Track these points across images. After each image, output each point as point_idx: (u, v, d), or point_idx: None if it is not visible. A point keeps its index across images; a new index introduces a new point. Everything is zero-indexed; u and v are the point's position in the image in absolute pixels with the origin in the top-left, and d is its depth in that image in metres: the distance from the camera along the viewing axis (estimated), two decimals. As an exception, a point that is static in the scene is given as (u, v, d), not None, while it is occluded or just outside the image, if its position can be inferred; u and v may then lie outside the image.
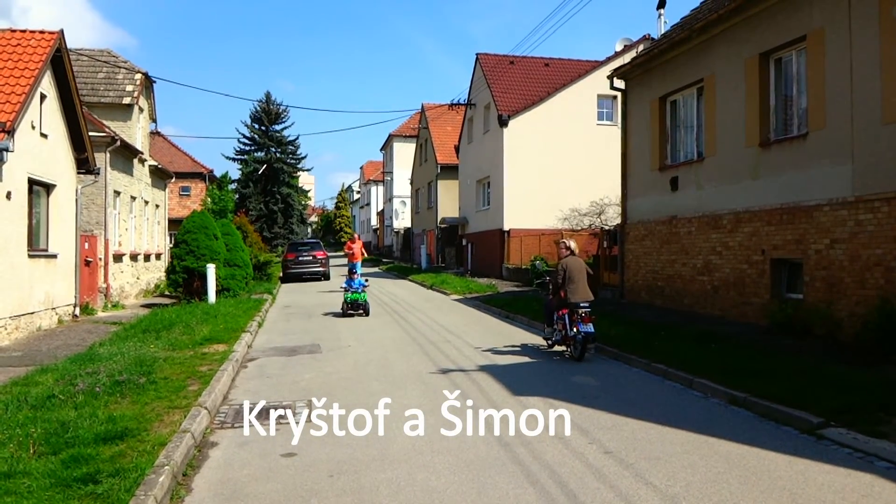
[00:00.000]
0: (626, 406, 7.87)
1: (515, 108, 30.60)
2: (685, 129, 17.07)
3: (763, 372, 8.68)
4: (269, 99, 62.99)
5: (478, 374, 9.91)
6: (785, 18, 12.94)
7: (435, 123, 44.87)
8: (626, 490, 5.26)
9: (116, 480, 5.12)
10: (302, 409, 7.91)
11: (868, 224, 10.99)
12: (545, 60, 34.45)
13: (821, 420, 6.74)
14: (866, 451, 6.01)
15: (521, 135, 30.29)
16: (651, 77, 18.03)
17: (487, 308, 19.14)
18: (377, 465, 5.91)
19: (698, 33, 15.42)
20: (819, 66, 12.10)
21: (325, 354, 11.84)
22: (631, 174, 19.09)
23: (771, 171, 13.32)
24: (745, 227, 14.03)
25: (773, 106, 13.66)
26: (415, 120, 54.81)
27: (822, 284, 11.93)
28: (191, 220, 21.01)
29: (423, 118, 47.52)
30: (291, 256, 33.18)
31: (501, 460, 6.00)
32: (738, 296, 14.29)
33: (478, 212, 35.20)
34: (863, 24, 11.11)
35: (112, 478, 5.17)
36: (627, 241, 19.12)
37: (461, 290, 24.52)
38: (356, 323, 16.33)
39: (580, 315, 10.82)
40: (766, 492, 5.18)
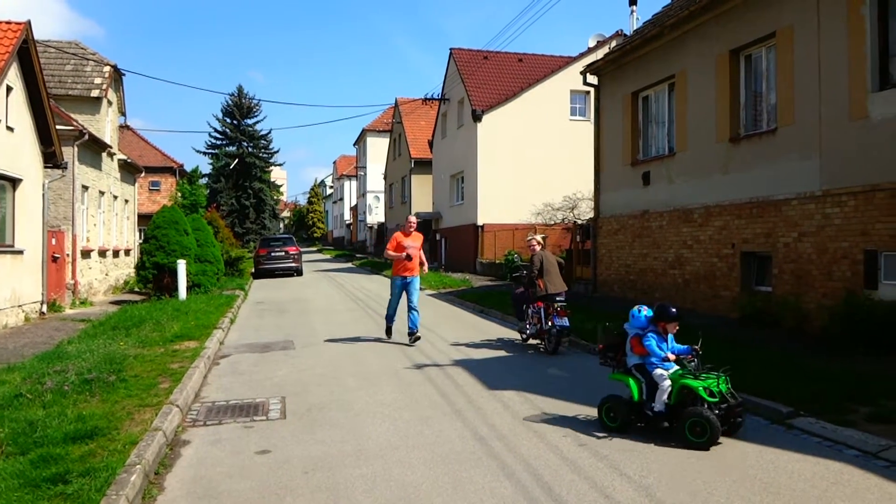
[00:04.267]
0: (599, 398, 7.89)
1: (489, 104, 30.63)
2: (657, 124, 17.21)
3: (734, 363, 8.71)
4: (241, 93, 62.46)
5: (452, 368, 9.92)
6: (755, 16, 13.08)
7: (409, 118, 44.78)
8: (601, 481, 5.30)
9: (87, 480, 5.04)
10: (276, 406, 7.86)
11: (835, 217, 11.17)
12: (519, 56, 34.52)
13: (790, 410, 6.85)
14: (835, 439, 6.12)
15: (494, 130, 30.34)
16: (623, 73, 18.15)
17: (462, 303, 19.16)
18: (352, 461, 5.89)
19: (670, 30, 15.55)
20: (788, 62, 12.26)
21: (298, 350, 11.77)
22: (603, 169, 19.21)
23: (741, 166, 13.48)
24: (715, 220, 14.19)
25: (743, 102, 13.83)
26: (388, 115, 54.68)
27: (791, 277, 12.10)
28: (161, 216, 20.78)
29: (396, 113, 47.39)
30: (263, 252, 32.93)
31: (477, 454, 6.01)
32: (708, 289, 14.46)
33: (452, 207, 35.21)
34: (831, 22, 11.28)
35: (82, 477, 5.09)
36: (600, 235, 19.25)
37: (435, 285, 24.51)
38: (331, 318, 16.26)
39: (555, 308, 10.88)
40: (739, 481, 5.25)
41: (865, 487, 5.07)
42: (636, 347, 6.68)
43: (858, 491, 5.01)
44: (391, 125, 50.44)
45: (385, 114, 57.46)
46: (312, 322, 15.63)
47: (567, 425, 6.84)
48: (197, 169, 48.34)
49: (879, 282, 10.50)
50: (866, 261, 10.62)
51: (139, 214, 31.81)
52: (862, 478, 5.27)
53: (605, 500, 4.96)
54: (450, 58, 35.14)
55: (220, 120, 62.03)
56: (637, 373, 6.63)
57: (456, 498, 5.06)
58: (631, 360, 6.75)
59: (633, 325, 6.80)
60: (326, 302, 20.39)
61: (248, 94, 63.39)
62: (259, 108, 63.07)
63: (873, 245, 10.49)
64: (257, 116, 63.78)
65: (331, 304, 19.86)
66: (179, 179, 44.05)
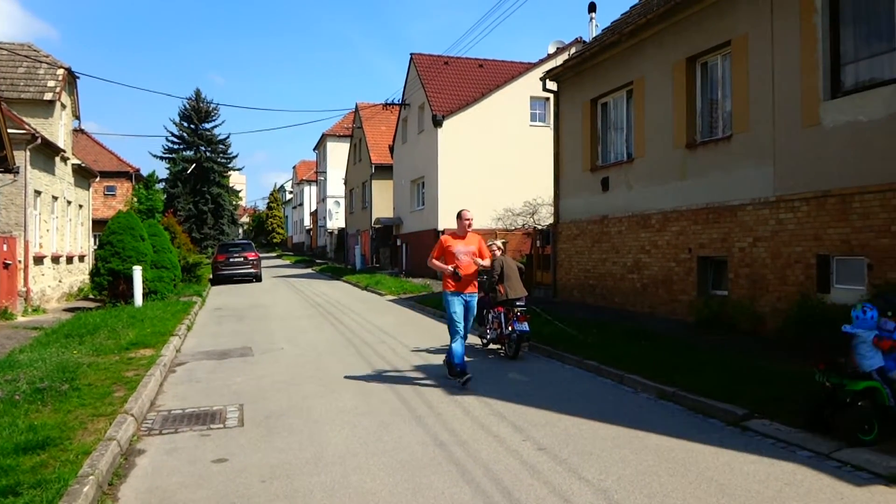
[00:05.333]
0: (559, 402, 7.97)
1: (450, 109, 30.68)
2: (616, 130, 17.41)
3: (691, 367, 8.91)
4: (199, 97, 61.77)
5: (413, 374, 9.90)
6: (711, 24, 13.32)
7: (369, 123, 44.63)
8: (560, 485, 5.32)
9: (38, 492, 4.91)
10: (233, 414, 7.75)
11: (788, 223, 11.40)
12: (479, 61, 34.65)
13: (745, 412, 6.96)
14: (789, 441, 6.23)
15: (455, 135, 30.39)
16: (582, 79, 18.33)
17: (422, 308, 19.13)
18: (311, 469, 5.83)
19: (628, 37, 15.75)
20: (742, 70, 12.50)
21: (257, 357, 11.63)
22: (563, 175, 19.36)
23: (697, 172, 13.69)
24: (672, 226, 14.39)
25: (699, 109, 14.06)
26: (349, 119, 54.40)
27: (746, 281, 12.32)
28: (116, 221, 20.38)
29: (357, 118, 47.19)
30: (222, 258, 32.53)
31: (437, 460, 5.99)
32: (666, 293, 14.65)
33: (412, 212, 35.17)
34: (784, 31, 11.53)
35: (33, 489, 4.95)
36: (560, 240, 19.39)
37: (396, 290, 24.46)
38: (290, 325, 16.11)
39: (516, 313, 10.92)
40: (695, 483, 5.32)
41: (818, 488, 5.17)
42: (885, 346, 6.16)
43: (811, 491, 5.10)
44: (351, 130, 50.21)
45: (345, 119, 57.17)
46: (271, 328, 15.47)
47: (528, 429, 6.86)
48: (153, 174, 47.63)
49: (831, 285, 10.75)
50: (819, 265, 10.86)
51: (94, 220, 31.18)
52: (814, 478, 5.37)
53: (564, 503, 4.98)
54: (410, 63, 35.13)
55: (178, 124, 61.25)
56: (878, 375, 6.13)
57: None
58: (873, 363, 6.16)
59: (863, 326, 6.27)
60: (286, 308, 20.20)
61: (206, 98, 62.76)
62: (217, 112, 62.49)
63: (825, 250, 10.74)
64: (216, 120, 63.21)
65: (290, 310, 19.68)
66: (135, 184, 43.32)
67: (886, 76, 9.95)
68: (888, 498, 4.95)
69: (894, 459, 5.45)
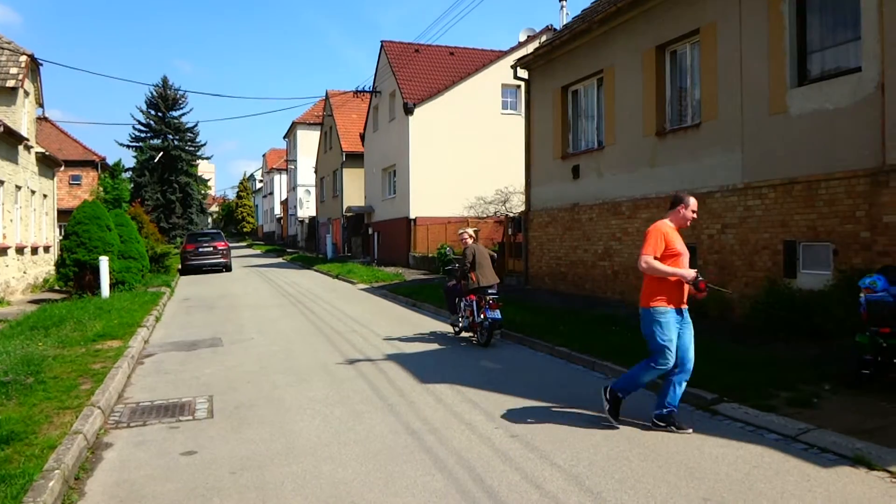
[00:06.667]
0: (531, 389, 8.01)
1: (421, 97, 30.58)
2: (586, 118, 17.46)
3: (661, 353, 8.96)
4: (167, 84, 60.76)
5: (385, 363, 9.87)
6: (680, 12, 13.37)
7: (340, 111, 44.35)
8: (532, 471, 5.34)
9: (2, 487, 4.81)
10: (203, 405, 7.67)
11: (756, 209, 11.53)
12: (450, 49, 34.57)
13: (715, 396, 7.05)
14: (757, 424, 6.32)
15: (426, 123, 30.31)
16: (553, 67, 18.34)
17: (394, 297, 19.10)
18: (282, 460, 5.79)
19: (598, 25, 15.77)
20: (711, 58, 12.57)
21: (226, 348, 11.53)
22: (534, 162, 19.39)
23: (667, 160, 13.78)
24: (643, 213, 14.48)
25: (668, 97, 14.13)
26: (319, 107, 54.06)
27: (715, 267, 12.45)
28: (82, 211, 20.02)
29: (327, 105, 46.87)
30: (191, 248, 32.18)
31: (409, 448, 5.98)
32: (637, 280, 14.73)
33: (384, 200, 35.06)
34: (752, 19, 11.61)
35: (-3, 484, 4.87)
36: (531, 228, 19.44)
37: (368, 279, 24.38)
38: (260, 315, 15.99)
39: (488, 301, 10.94)
40: (665, 467, 5.37)
41: (785, 470, 5.25)
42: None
43: (779, 473, 5.18)
44: (322, 118, 49.86)
45: (316, 106, 56.77)
46: (241, 318, 15.34)
47: (499, 417, 6.88)
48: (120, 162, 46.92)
49: (798, 271, 10.89)
50: (786, 251, 11.00)
51: (59, 210, 30.62)
52: (782, 460, 5.45)
53: (536, 489, 5.00)
54: (381, 50, 34.94)
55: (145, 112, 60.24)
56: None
57: (387, 493, 5.02)
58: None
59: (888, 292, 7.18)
60: (256, 298, 20.04)
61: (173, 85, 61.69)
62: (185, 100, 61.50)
63: (792, 236, 10.87)
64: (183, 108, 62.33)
65: (260, 299, 19.54)
66: (101, 173, 42.64)
67: (852, 65, 10.07)
68: (853, 478, 5.04)
69: (860, 441, 5.55)
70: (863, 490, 4.83)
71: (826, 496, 4.74)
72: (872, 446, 5.43)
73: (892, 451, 5.31)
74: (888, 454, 5.27)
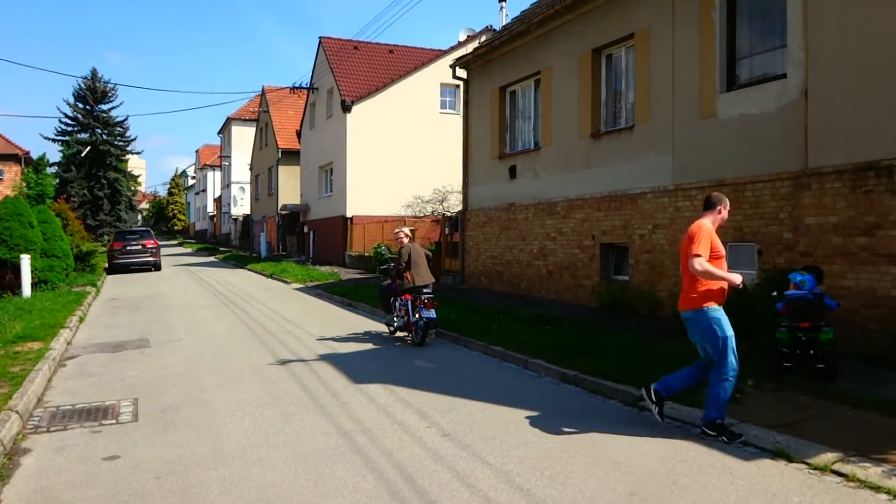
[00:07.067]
0: (464, 388, 8.00)
1: (359, 94, 30.36)
2: (524, 119, 17.60)
3: (593, 350, 9.10)
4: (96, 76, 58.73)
5: (318, 363, 9.74)
6: (615, 16, 13.59)
7: (276, 107, 43.71)
8: (464, 470, 5.32)
9: None
10: (127, 409, 7.42)
11: (685, 210, 11.79)
12: (389, 47, 34.43)
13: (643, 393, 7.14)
14: (683, 419, 6.45)
15: (364, 121, 30.11)
16: (492, 68, 18.43)
17: (329, 296, 18.90)
18: (208, 463, 5.63)
19: (536, 27, 15.92)
20: (645, 62, 12.81)
21: (154, 349, 11.20)
22: (472, 162, 19.46)
23: (601, 161, 13.99)
24: (577, 213, 14.67)
25: (604, 99, 14.36)
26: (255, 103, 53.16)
27: (646, 267, 12.69)
28: (3, 207, 19.21)
29: (263, 101, 46.15)
30: (118, 246, 31.24)
31: (340, 450, 5.90)
32: (570, 279, 14.94)
33: (320, 198, 34.71)
34: (684, 25, 11.87)
35: None
36: (468, 227, 19.50)
37: (302, 278, 24.09)
38: (190, 315, 15.62)
39: (423, 300, 10.91)
40: (594, 462, 5.43)
41: (709, 463, 5.36)
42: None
43: (703, 467, 5.28)
44: (258, 114, 49.08)
45: (251, 102, 55.81)
46: (170, 319, 14.94)
47: (432, 416, 6.85)
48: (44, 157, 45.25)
49: (725, 271, 11.16)
50: (713, 252, 11.26)
51: (-22, 204, 29.31)
52: (706, 455, 5.56)
53: (467, 488, 4.98)
54: (319, 46, 34.56)
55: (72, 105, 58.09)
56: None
57: (317, 495, 4.94)
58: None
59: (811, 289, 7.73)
60: (186, 297, 19.57)
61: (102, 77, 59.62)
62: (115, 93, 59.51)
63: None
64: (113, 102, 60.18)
65: (190, 299, 19.08)
66: (25, 168, 41.01)
67: (778, 71, 10.39)
68: (773, 470, 5.18)
69: (780, 434, 5.70)
70: (782, 482, 4.96)
71: (747, 489, 4.86)
72: (792, 439, 5.59)
73: (811, 443, 5.48)
74: (806, 447, 5.43)
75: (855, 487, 4.81)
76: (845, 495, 4.70)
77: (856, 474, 4.91)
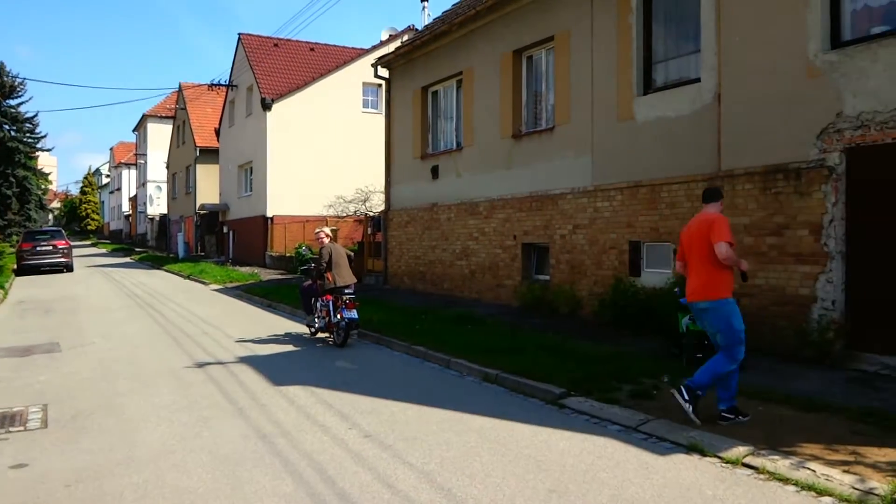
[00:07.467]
0: (386, 389, 7.96)
1: (280, 92, 29.87)
2: (446, 119, 17.65)
3: (514, 349, 9.19)
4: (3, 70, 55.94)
5: (237, 366, 9.53)
6: (536, 19, 13.76)
7: (194, 104, 42.61)
8: (384, 471, 5.29)
9: None
10: (36, 415, 7.09)
11: (605, 211, 12.04)
12: (311, 45, 34.03)
13: (563, 391, 7.26)
14: (601, 416, 6.57)
15: (285, 119, 29.65)
16: (414, 67, 18.41)
17: (249, 297, 18.54)
18: (122, 470, 5.44)
19: (458, 27, 15.97)
20: (565, 65, 13.01)
21: (65, 353, 10.75)
22: (394, 162, 19.40)
23: (523, 162, 14.15)
24: (499, 213, 14.80)
25: (525, 100, 14.52)
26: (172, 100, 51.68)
27: (566, 266, 12.90)
28: None
29: (180, 98, 44.92)
30: (28, 246, 29.88)
31: (259, 453, 5.78)
32: (493, 279, 15.06)
33: (240, 198, 34.01)
34: (602, 28, 12.11)
35: None
36: (391, 227, 19.43)
37: (222, 279, 23.57)
38: (104, 318, 15.06)
39: (344, 301, 10.81)
40: (514, 461, 5.47)
41: (626, 459, 5.48)
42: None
43: (620, 463, 5.39)
44: (175, 111, 47.72)
45: (168, 99, 54.25)
46: (82, 322, 14.37)
47: (354, 417, 6.78)
48: (-54, 153, 42.85)
49: (642, 270, 11.47)
50: (631, 251, 11.56)
51: None
52: (623, 451, 5.68)
53: (388, 489, 4.95)
54: (238, 43, 33.84)
55: (-24, 100, 55.27)
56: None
57: (234, 499, 4.83)
58: None
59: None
60: (99, 300, 18.87)
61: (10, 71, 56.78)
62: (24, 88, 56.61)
63: (637, 236, 11.43)
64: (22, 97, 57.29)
65: (104, 301, 18.41)
66: (-76, 164, 38.77)
67: (692, 76, 10.70)
68: (687, 465, 5.33)
69: (693, 430, 5.88)
70: (696, 476, 5.11)
71: (663, 483, 4.98)
72: (705, 434, 5.77)
73: (723, 438, 5.66)
74: (719, 441, 5.60)
75: (765, 480, 4.98)
76: (755, 487, 4.86)
77: (766, 467, 5.09)
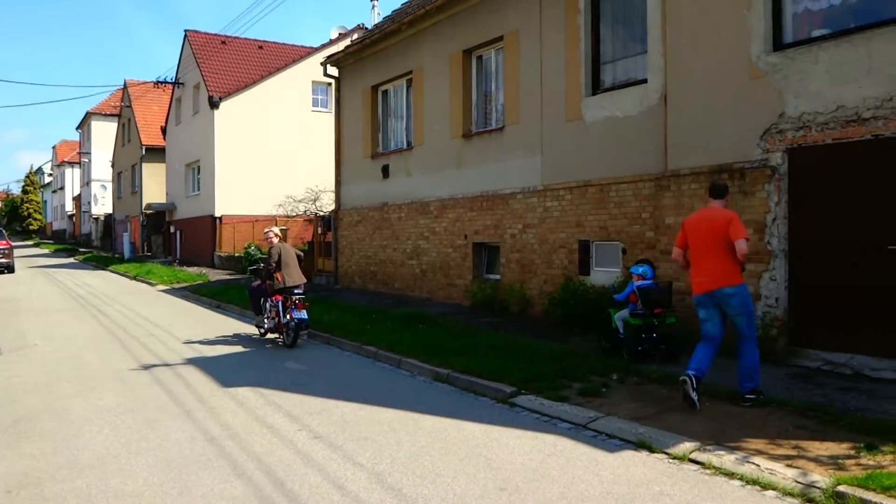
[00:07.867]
0: (337, 390, 7.91)
1: (227, 90, 29.44)
2: (396, 118, 17.61)
3: (465, 349, 9.20)
4: (-65, 64, 54.21)
5: (184, 367, 9.36)
6: (485, 19, 13.82)
7: (139, 102, 41.71)
8: (334, 472, 5.25)
9: None
10: (-30, 420, 6.87)
11: (554, 210, 12.16)
12: (259, 43, 33.60)
13: (513, 389, 7.31)
14: (551, 414, 6.62)
15: (233, 118, 29.23)
16: (364, 66, 18.33)
17: (197, 298, 18.24)
18: (65, 475, 5.31)
19: (407, 26, 15.95)
20: (514, 65, 13.10)
21: (5, 356, 10.43)
22: (344, 161, 19.29)
23: (473, 161, 14.20)
24: (450, 213, 14.83)
25: (475, 100, 14.57)
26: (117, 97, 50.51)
27: (517, 265, 12.99)
28: None
29: (126, 96, 43.91)
30: None
31: (207, 456, 5.69)
32: (444, 278, 15.09)
33: (187, 197, 33.43)
34: (551, 29, 12.22)
35: None
36: (341, 227, 19.32)
37: (169, 280, 23.13)
38: (46, 319, 14.64)
39: (294, 301, 10.71)
40: (465, 459, 5.48)
41: (576, 456, 5.53)
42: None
43: (570, 460, 5.45)
44: (120, 109, 46.63)
45: (113, 96, 53.04)
46: (23, 324, 13.96)
47: (304, 419, 6.72)
48: None
49: (591, 268, 11.61)
50: (580, 250, 11.68)
51: None
52: (573, 448, 5.74)
53: (338, 490, 4.92)
54: (185, 40, 33.24)
55: None
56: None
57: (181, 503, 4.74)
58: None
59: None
60: (42, 301, 18.35)
61: (-56, 65, 55.15)
62: (-41, 83, 55.23)
63: (586, 235, 11.56)
64: (-44, 92, 55.81)
65: (47, 303, 17.91)
66: None
67: (639, 76, 10.86)
68: (636, 461, 5.41)
69: (642, 426, 5.97)
70: (644, 472, 5.19)
71: (612, 479, 5.05)
72: (653, 430, 5.86)
73: (670, 434, 5.76)
74: (667, 437, 5.70)
75: (711, 474, 5.08)
76: (702, 483, 4.96)
77: (711, 462, 5.20)
